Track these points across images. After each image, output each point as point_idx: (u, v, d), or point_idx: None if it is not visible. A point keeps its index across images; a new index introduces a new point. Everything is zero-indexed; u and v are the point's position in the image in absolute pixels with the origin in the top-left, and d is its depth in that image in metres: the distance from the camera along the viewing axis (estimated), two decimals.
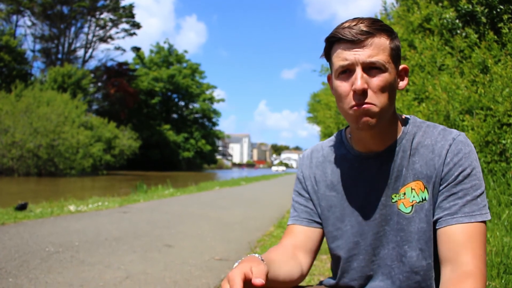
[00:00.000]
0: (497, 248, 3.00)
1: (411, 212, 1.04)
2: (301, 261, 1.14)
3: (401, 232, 1.05)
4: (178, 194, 11.84)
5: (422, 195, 1.04)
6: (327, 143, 1.23)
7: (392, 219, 1.06)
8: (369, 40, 0.97)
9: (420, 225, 1.03)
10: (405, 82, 1.07)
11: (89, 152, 30.22)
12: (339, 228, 1.13)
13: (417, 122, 1.11)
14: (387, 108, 1.00)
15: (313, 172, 1.20)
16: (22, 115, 27.21)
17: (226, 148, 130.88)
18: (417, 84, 5.41)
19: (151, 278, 3.25)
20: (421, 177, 1.04)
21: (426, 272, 1.04)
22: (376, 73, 0.98)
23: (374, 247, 1.09)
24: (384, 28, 1.00)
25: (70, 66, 38.91)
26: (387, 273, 1.08)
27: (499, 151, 4.13)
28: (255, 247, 4.56)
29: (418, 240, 1.03)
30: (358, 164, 1.12)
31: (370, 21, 1.00)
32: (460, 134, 1.05)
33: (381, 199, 1.07)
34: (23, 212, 6.44)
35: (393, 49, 1.01)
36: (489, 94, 4.33)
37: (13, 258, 3.64)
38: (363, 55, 0.97)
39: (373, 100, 0.97)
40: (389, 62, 0.99)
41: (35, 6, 41.86)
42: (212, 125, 62.64)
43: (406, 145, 1.07)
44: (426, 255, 1.03)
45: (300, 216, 1.19)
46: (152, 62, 57.44)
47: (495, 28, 4.90)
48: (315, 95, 28.40)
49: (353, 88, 0.97)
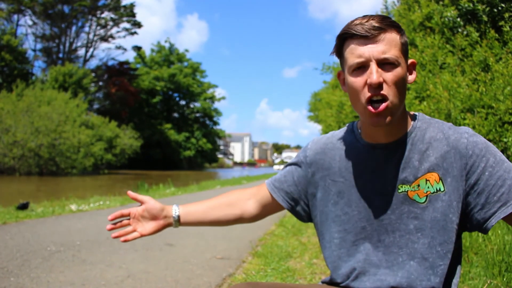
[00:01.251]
0: (499, 246, 3.00)
1: (425, 202, 1.07)
2: (247, 207, 1.32)
3: (415, 220, 1.08)
4: (179, 193, 11.85)
5: (436, 186, 1.06)
6: (338, 133, 1.26)
7: (398, 209, 1.09)
8: (382, 35, 1.01)
9: (434, 215, 1.06)
10: (413, 76, 1.10)
11: (90, 152, 30.24)
12: (347, 213, 1.16)
13: (426, 119, 1.14)
14: (400, 103, 1.04)
15: (321, 158, 1.22)
16: (23, 115, 27.25)
17: (227, 147, 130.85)
18: (418, 83, 5.40)
19: (152, 277, 3.25)
20: (436, 169, 1.07)
21: (435, 259, 1.06)
22: (390, 68, 1.01)
23: (379, 233, 1.12)
24: (393, 24, 1.04)
25: (71, 65, 38.91)
26: (393, 260, 1.10)
27: (500, 149, 4.13)
28: (257, 245, 4.56)
29: (431, 229, 1.06)
30: (366, 153, 1.15)
31: (380, 17, 1.03)
32: (470, 129, 1.09)
33: (387, 189, 1.10)
34: (25, 211, 6.45)
35: (403, 44, 1.04)
36: (491, 92, 4.32)
37: (14, 257, 3.64)
38: (377, 50, 1.00)
39: (388, 93, 1.01)
40: (401, 57, 1.03)
41: (36, 5, 41.85)
42: (213, 124, 62.66)
43: (415, 138, 1.10)
44: (436, 243, 1.06)
45: (281, 190, 1.28)
46: (153, 61, 57.42)
47: (496, 27, 4.89)
48: (316, 94, 28.38)
49: (369, 82, 1.00)
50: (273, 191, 1.29)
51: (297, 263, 3.79)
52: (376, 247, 1.12)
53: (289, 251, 4.21)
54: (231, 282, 3.20)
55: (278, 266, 3.57)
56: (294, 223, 6.24)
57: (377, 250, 1.12)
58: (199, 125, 59.75)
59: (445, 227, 1.06)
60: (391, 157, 1.11)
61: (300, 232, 5.49)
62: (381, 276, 1.10)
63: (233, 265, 3.74)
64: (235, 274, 3.41)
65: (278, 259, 3.82)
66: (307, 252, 4.24)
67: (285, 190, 1.28)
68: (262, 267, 3.57)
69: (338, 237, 1.19)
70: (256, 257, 3.97)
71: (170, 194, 11.33)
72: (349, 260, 1.16)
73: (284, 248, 4.33)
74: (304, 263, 3.77)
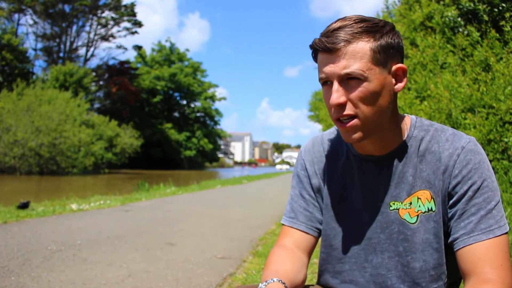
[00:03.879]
0: None
1: (416, 222, 0.99)
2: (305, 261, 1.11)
3: (404, 242, 1.00)
4: (180, 192, 11.86)
5: (428, 205, 0.99)
6: (327, 136, 1.17)
7: (388, 228, 1.02)
8: (345, 48, 0.91)
9: (425, 236, 0.99)
10: (402, 84, 0.98)
11: (90, 151, 30.24)
12: (333, 228, 1.09)
13: (425, 126, 1.04)
14: (374, 118, 0.95)
15: (317, 167, 1.14)
16: (24, 114, 27.25)
17: (227, 146, 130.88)
18: (418, 83, 5.40)
19: (153, 276, 3.25)
20: (428, 187, 0.99)
21: (428, 283, 0.99)
22: (355, 84, 0.92)
23: (366, 253, 1.05)
24: (366, 29, 0.92)
25: (72, 64, 38.92)
26: (381, 283, 1.03)
27: (501, 149, 4.13)
28: (257, 245, 4.56)
29: (423, 251, 0.99)
30: (357, 165, 1.07)
31: (351, 24, 0.93)
32: (470, 141, 0.98)
33: (378, 205, 1.03)
34: (25, 210, 6.46)
35: (376, 51, 0.92)
36: (491, 92, 4.32)
37: (15, 256, 3.65)
38: (338, 67, 0.91)
39: (355, 111, 0.93)
40: (370, 68, 0.91)
41: (37, 4, 41.85)
42: (214, 124, 62.68)
43: (410, 150, 1.01)
44: (429, 267, 0.99)
45: (298, 219, 1.14)
46: (154, 60, 57.46)
47: (497, 26, 4.88)
48: (317, 94, 28.41)
49: (330, 103, 0.94)
50: (307, 228, 1.14)
51: None
52: (363, 267, 1.05)
53: None
54: (231, 282, 3.20)
55: None
56: None
57: (364, 270, 1.05)
58: (199, 125, 59.75)
59: (438, 250, 0.98)
60: (384, 171, 1.03)
61: None
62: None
63: (234, 264, 3.74)
64: (236, 274, 3.42)
65: None
66: None
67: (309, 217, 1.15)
68: (262, 267, 3.57)
69: (325, 252, 1.13)
70: (257, 257, 3.97)
71: (170, 193, 11.33)
72: (335, 278, 1.10)
73: None
74: None
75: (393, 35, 0.96)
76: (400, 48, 0.97)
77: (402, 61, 1.00)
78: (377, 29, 0.93)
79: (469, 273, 0.92)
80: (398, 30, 1.06)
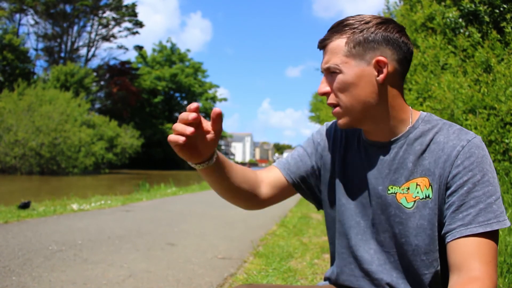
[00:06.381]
0: (500, 247, 3.00)
1: (412, 207, 1.04)
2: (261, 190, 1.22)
3: (399, 225, 1.05)
4: (180, 193, 11.86)
5: (426, 192, 1.03)
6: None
7: (387, 210, 1.07)
8: (327, 46, 1.06)
9: (420, 222, 1.02)
10: (382, 75, 1.02)
11: (91, 151, 30.27)
12: (343, 204, 1.16)
13: (433, 120, 1.09)
14: (356, 106, 1.05)
15: (331, 144, 1.23)
16: (24, 114, 27.27)
17: (228, 147, 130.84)
18: (420, 83, 5.40)
19: (154, 277, 3.26)
20: (428, 174, 1.03)
21: (420, 267, 1.04)
22: (333, 76, 1.06)
23: (371, 231, 1.11)
24: (345, 26, 1.04)
25: (73, 64, 38.95)
26: (385, 259, 1.09)
27: (502, 150, 4.13)
28: (258, 245, 4.56)
29: (416, 236, 1.03)
30: (364, 150, 1.15)
31: (338, 23, 1.07)
32: (476, 137, 1.02)
33: (377, 188, 1.09)
34: (26, 210, 6.47)
35: (352, 46, 1.02)
36: (492, 93, 4.32)
37: (16, 256, 3.65)
38: (323, 62, 1.07)
39: (337, 100, 1.06)
40: (345, 62, 1.03)
41: (38, 4, 41.90)
42: None
43: (413, 139, 1.06)
44: (420, 252, 1.03)
45: (290, 169, 1.23)
46: (155, 61, 57.44)
47: (498, 27, 4.89)
48: (317, 95, 28.36)
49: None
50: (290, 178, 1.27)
51: (298, 263, 3.79)
52: (368, 244, 1.12)
53: (290, 251, 4.22)
54: (232, 282, 3.21)
55: (279, 266, 3.57)
56: (295, 223, 6.25)
57: (368, 247, 1.11)
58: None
59: (431, 236, 1.02)
60: (385, 156, 1.09)
61: (302, 232, 5.49)
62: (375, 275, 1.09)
63: (235, 265, 3.74)
64: (237, 274, 3.42)
65: (279, 259, 3.83)
66: (308, 252, 4.25)
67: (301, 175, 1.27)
68: (263, 267, 3.58)
69: (332, 228, 1.21)
70: (258, 257, 3.98)
71: (171, 193, 11.34)
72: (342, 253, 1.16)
73: (286, 248, 4.34)
74: (306, 263, 3.78)
75: (378, 29, 1.02)
76: (386, 40, 1.02)
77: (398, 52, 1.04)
78: (356, 26, 1.03)
79: (458, 266, 0.94)
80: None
